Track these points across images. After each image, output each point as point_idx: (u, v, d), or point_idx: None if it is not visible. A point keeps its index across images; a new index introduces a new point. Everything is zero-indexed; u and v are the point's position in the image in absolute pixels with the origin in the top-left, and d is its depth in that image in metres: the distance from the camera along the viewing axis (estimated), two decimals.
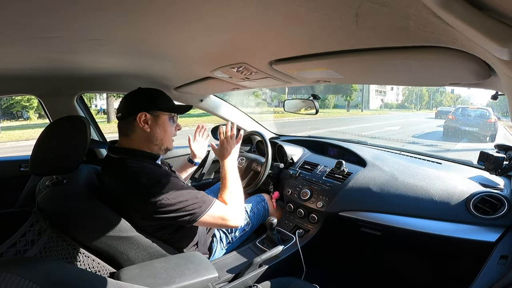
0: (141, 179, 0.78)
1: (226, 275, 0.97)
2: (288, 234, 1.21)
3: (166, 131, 0.90)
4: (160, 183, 0.79)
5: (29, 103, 15.73)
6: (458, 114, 8.81)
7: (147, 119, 0.85)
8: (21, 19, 0.48)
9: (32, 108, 16.40)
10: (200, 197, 0.82)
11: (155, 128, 0.87)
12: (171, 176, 0.83)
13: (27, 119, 17.28)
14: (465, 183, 1.03)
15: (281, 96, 21.14)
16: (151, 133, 0.87)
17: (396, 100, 40.12)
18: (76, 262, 0.73)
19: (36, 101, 14.96)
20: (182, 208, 0.79)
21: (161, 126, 0.88)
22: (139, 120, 0.85)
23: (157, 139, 0.88)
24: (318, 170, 1.37)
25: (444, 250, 1.09)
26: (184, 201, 0.79)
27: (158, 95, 0.89)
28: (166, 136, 0.90)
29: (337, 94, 25.41)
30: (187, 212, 0.79)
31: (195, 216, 0.80)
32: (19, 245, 0.70)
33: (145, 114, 0.85)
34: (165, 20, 0.50)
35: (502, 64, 0.40)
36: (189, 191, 0.82)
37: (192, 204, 0.80)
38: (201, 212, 0.80)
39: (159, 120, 0.88)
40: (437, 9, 0.31)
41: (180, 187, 0.81)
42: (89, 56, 0.79)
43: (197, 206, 0.80)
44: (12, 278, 0.39)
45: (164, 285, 0.73)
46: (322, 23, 0.46)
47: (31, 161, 0.77)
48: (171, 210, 0.78)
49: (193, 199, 0.81)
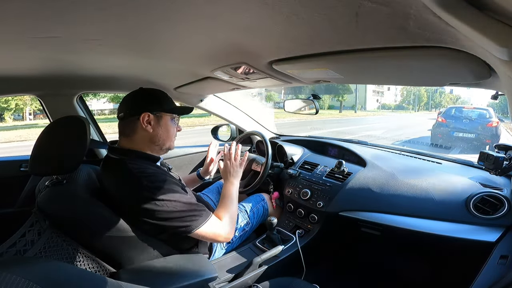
0: (141, 182, 0.78)
1: (226, 275, 0.97)
2: (288, 234, 1.21)
3: (169, 132, 0.90)
4: (159, 187, 0.79)
5: (7, 104, 14.69)
6: (449, 116, 6.63)
7: (150, 119, 0.86)
8: (21, 19, 0.48)
9: (10, 110, 15.42)
10: (197, 210, 0.83)
11: (158, 128, 0.87)
12: (171, 180, 0.83)
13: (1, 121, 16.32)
14: (465, 183, 1.03)
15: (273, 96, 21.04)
16: (154, 133, 0.87)
17: (394, 101, 40.06)
18: (76, 262, 0.73)
19: (13, 103, 14.51)
20: (178, 218, 0.79)
21: (164, 127, 0.89)
22: (142, 121, 0.85)
23: (159, 139, 0.89)
24: (318, 170, 1.37)
25: (444, 250, 1.09)
26: (181, 211, 0.79)
27: (161, 96, 0.90)
28: (168, 137, 0.91)
29: (329, 94, 25.25)
30: (182, 223, 0.80)
31: (190, 228, 0.81)
32: (19, 245, 0.70)
33: (148, 115, 0.85)
34: (165, 20, 0.50)
35: (502, 64, 0.40)
36: (187, 202, 0.82)
37: (188, 216, 0.80)
38: (196, 225, 0.81)
39: (162, 121, 0.88)
40: (437, 9, 0.31)
41: (179, 197, 0.81)
42: (89, 56, 0.79)
43: (193, 219, 0.81)
44: (12, 278, 0.39)
45: (164, 285, 0.73)
46: (322, 23, 0.46)
47: (31, 161, 0.77)
48: (166, 218, 0.78)
49: (190, 211, 0.81)
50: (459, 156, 5.61)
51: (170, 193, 0.79)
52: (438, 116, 7.00)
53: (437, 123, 6.83)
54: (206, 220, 0.83)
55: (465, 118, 6.34)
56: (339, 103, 25.61)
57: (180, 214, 0.79)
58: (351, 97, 28.40)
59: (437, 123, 6.80)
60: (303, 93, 16.63)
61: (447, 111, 7.11)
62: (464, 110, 6.73)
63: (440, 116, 6.88)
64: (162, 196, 0.77)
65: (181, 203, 0.80)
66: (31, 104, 15.86)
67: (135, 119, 0.85)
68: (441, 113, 7.28)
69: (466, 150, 5.73)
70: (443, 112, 7.31)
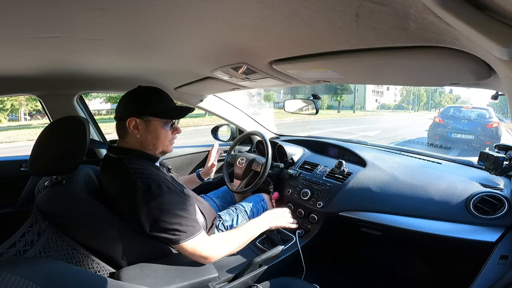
0: (136, 183, 0.76)
1: (226, 275, 0.97)
2: (288, 234, 1.21)
3: (159, 137, 0.84)
4: (155, 191, 0.76)
5: (3, 105, 14.43)
6: (447, 116, 6.22)
7: (137, 124, 0.81)
8: (21, 19, 0.48)
9: (5, 110, 15.17)
10: (187, 224, 0.77)
11: (146, 134, 0.82)
12: (168, 184, 0.80)
13: None
14: (465, 183, 1.03)
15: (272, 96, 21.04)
16: (142, 139, 0.83)
17: (394, 100, 40.01)
18: (76, 262, 0.73)
19: (9, 103, 14.44)
20: (162, 228, 0.75)
21: (153, 132, 0.83)
22: (129, 126, 0.81)
23: (149, 144, 0.84)
24: (318, 170, 1.37)
25: (444, 250, 1.09)
26: (167, 222, 0.74)
27: (151, 98, 0.83)
28: (159, 142, 0.85)
29: (328, 94, 25.12)
30: (167, 235, 0.75)
31: (172, 242, 0.76)
32: (18, 245, 0.70)
33: (135, 120, 0.80)
34: (165, 20, 0.50)
35: (502, 64, 0.40)
36: (180, 212, 0.77)
37: (173, 230, 0.75)
38: (180, 239, 0.76)
39: (151, 126, 0.83)
40: (437, 9, 0.31)
41: (174, 203, 0.77)
42: (89, 56, 0.79)
43: (177, 233, 0.75)
44: (12, 278, 0.39)
45: (164, 285, 0.72)
46: (323, 23, 0.46)
47: (31, 161, 0.76)
48: (151, 225, 0.75)
49: (176, 224, 0.75)
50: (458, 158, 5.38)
51: (161, 200, 0.75)
52: (435, 117, 6.47)
53: (434, 124, 6.31)
54: (192, 237, 0.77)
55: (464, 119, 5.96)
56: (337, 103, 25.60)
57: (165, 225, 0.75)
58: (351, 97, 28.35)
59: (434, 123, 6.29)
60: (302, 93, 16.55)
61: (445, 111, 6.64)
62: (463, 110, 6.30)
63: (438, 116, 6.40)
64: (152, 202, 0.74)
65: (169, 213, 0.75)
66: (26, 104, 15.69)
67: (123, 123, 0.82)
68: (439, 113, 6.92)
69: (464, 152, 5.30)
70: (440, 112, 6.87)
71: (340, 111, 23.91)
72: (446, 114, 6.31)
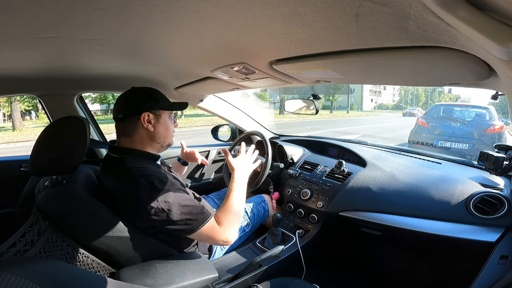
0: (139, 181, 0.77)
1: (226, 275, 0.97)
2: (288, 234, 1.21)
3: (168, 129, 0.93)
4: (156, 188, 0.77)
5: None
6: (434, 117, 4.60)
7: (150, 118, 0.86)
8: (21, 19, 0.48)
9: None
10: (194, 213, 0.80)
11: (158, 126, 0.89)
12: (170, 181, 0.82)
13: None
14: (465, 183, 1.03)
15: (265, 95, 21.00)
16: (155, 132, 0.88)
17: (392, 100, 39.90)
18: (76, 262, 0.73)
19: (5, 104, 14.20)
20: (174, 221, 0.77)
21: (163, 125, 0.90)
22: (143, 120, 0.85)
23: (160, 137, 0.90)
24: (318, 170, 1.37)
25: (444, 250, 1.09)
26: (178, 213, 0.77)
27: (157, 95, 0.91)
28: (168, 134, 0.93)
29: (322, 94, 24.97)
30: (177, 226, 0.77)
31: (186, 231, 0.79)
32: (19, 245, 0.70)
33: (148, 114, 0.86)
34: (165, 20, 0.50)
35: (502, 64, 0.40)
36: (184, 204, 0.79)
37: (185, 219, 0.78)
38: (193, 228, 0.79)
39: (161, 119, 0.90)
40: (437, 9, 0.31)
41: (177, 198, 0.79)
42: (89, 56, 0.79)
43: (189, 223, 0.78)
44: (12, 278, 0.39)
45: (164, 285, 0.73)
46: (322, 23, 0.46)
47: (31, 161, 0.76)
48: (162, 220, 0.76)
49: (188, 214, 0.78)
50: None
51: (167, 194, 0.77)
52: (418, 118, 4.84)
53: (416, 127, 4.67)
54: (204, 223, 0.80)
55: (456, 121, 4.37)
56: (338, 103, 25.47)
57: (176, 216, 0.77)
58: (347, 97, 28.28)
59: (417, 127, 4.66)
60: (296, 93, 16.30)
61: (431, 110, 4.86)
62: (456, 109, 4.69)
63: (421, 117, 4.77)
64: (159, 197, 0.76)
65: (178, 205, 0.78)
66: (4, 106, 15.11)
67: (136, 119, 0.85)
68: (422, 115, 5.18)
69: None
70: (425, 113, 5.08)
71: (332, 112, 23.72)
72: (432, 115, 4.71)
